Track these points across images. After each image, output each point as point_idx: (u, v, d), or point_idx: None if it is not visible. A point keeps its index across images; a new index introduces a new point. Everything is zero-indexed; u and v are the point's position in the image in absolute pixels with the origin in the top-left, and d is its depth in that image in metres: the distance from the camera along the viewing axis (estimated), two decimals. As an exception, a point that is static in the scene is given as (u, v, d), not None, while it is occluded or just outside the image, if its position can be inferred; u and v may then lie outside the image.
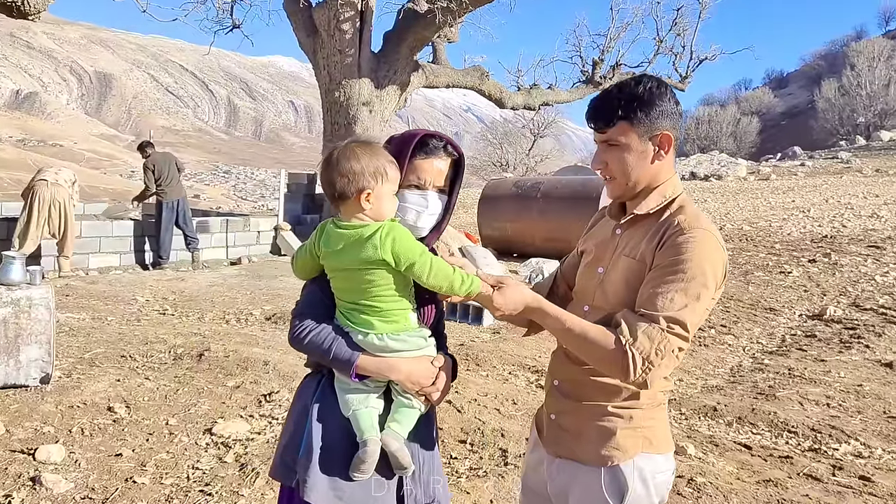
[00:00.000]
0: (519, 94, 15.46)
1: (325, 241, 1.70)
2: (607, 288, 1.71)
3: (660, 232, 1.65)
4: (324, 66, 12.92)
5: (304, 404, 1.77)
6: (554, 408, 1.80)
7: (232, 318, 6.92)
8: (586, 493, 1.69)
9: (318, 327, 1.68)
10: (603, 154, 1.73)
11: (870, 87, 55.35)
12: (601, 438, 1.68)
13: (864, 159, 39.25)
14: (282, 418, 4.27)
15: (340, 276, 1.70)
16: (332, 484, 1.65)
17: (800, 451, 4.16)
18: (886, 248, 12.97)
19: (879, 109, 53.94)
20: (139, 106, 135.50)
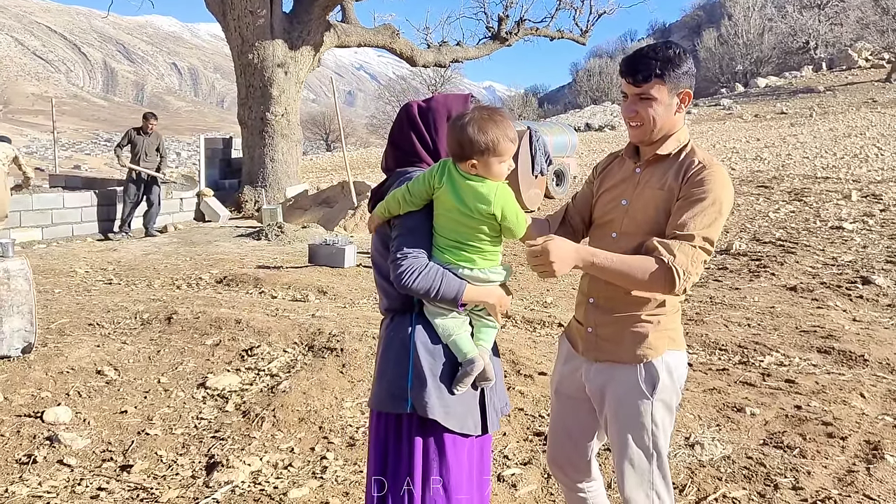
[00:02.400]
0: (429, 51, 15.65)
1: (448, 182, 1.94)
2: (635, 216, 2.09)
3: (682, 169, 2.04)
4: (235, 28, 12.69)
5: (401, 340, 1.98)
6: (592, 321, 2.16)
7: (182, 284, 6.98)
8: (624, 386, 2.07)
9: (425, 267, 1.89)
10: (635, 105, 2.08)
11: (746, 35, 58.29)
12: (636, 341, 2.06)
13: (744, 105, 41.63)
14: (266, 370, 4.52)
15: (451, 217, 1.95)
16: (441, 401, 1.94)
17: (731, 364, 4.80)
18: (773, 187, 14.17)
19: (755, 57, 57.00)
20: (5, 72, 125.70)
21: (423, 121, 2.05)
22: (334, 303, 6.25)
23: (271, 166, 12.90)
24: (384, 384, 1.99)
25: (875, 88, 39.87)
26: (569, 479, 2.33)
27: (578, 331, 2.21)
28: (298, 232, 9.61)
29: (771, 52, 56.94)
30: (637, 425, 2.05)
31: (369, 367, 4.47)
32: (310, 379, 4.27)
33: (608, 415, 2.12)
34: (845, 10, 51.63)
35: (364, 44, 14.29)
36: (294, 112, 13.15)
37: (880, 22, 43.74)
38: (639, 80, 2.04)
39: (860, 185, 13.75)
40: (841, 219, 10.22)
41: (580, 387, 2.20)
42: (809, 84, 44.28)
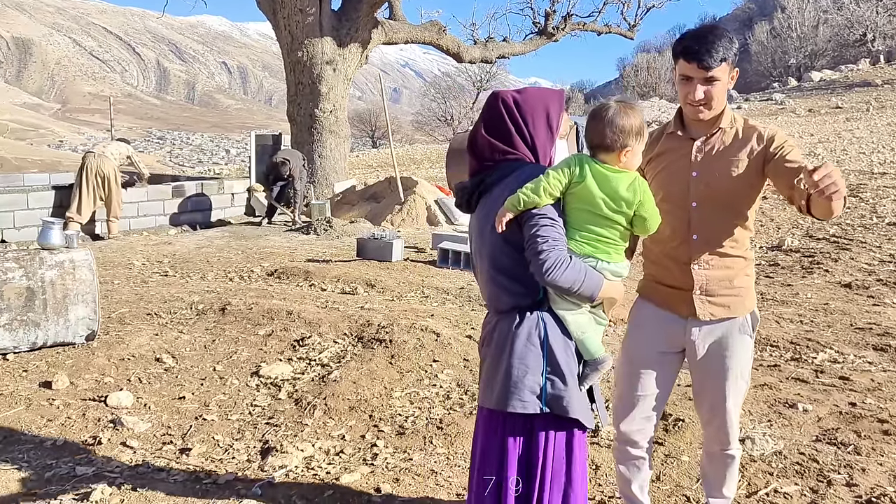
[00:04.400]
0: (476, 47, 15.68)
1: (592, 175, 1.96)
2: (713, 185, 2.29)
3: (753, 136, 2.28)
4: (284, 26, 12.90)
5: (530, 338, 1.93)
6: (699, 286, 2.35)
7: (235, 276, 7.16)
8: (736, 336, 2.38)
9: (571, 260, 1.88)
10: (704, 87, 2.21)
11: (800, 28, 56.78)
12: (745, 296, 2.38)
13: (797, 100, 40.56)
14: (317, 360, 4.62)
15: (591, 211, 1.96)
16: (579, 401, 1.97)
17: (783, 361, 4.73)
18: (827, 183, 13.81)
19: (809, 51, 55.50)
20: (62, 72, 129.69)
21: (520, 113, 2.02)
22: (382, 296, 6.34)
23: (320, 162, 13.09)
24: (510, 383, 1.93)
25: (936, 82, 38.46)
26: (637, 447, 2.52)
27: (676, 296, 2.40)
28: (346, 227, 9.75)
29: (826, 45, 55.33)
30: (745, 363, 2.41)
31: (417, 358, 4.54)
32: (360, 369, 4.36)
33: (714, 364, 2.39)
34: (905, 1, 49.85)
35: (411, 40, 14.38)
36: (342, 109, 13.31)
37: (943, 12, 42.08)
38: (711, 66, 2.15)
39: (920, 180, 13.32)
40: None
41: (671, 347, 2.45)
42: (866, 78, 42.91)
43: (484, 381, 2.05)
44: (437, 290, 6.49)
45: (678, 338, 2.43)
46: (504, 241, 1.95)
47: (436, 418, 3.78)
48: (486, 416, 2.04)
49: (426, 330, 4.89)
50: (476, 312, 5.71)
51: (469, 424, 3.64)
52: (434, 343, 4.72)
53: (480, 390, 2.09)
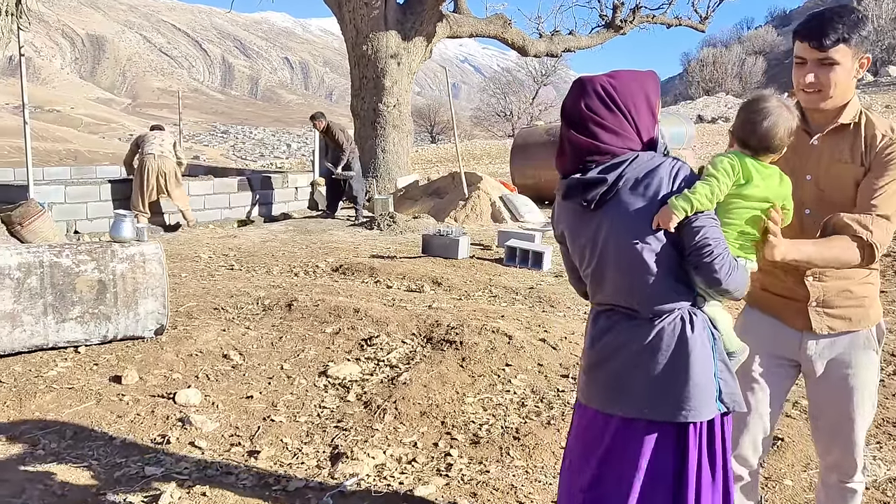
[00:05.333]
0: (541, 41, 15.37)
1: (758, 174, 1.83)
2: (828, 192, 2.04)
3: (867, 140, 2.00)
4: (350, 20, 12.86)
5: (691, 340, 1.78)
6: (816, 296, 2.13)
7: (300, 271, 7.10)
8: (859, 350, 2.17)
9: (736, 263, 1.79)
10: (815, 69, 1.97)
11: (877, 21, 54.40)
12: (867, 306, 2.16)
13: (874, 96, 38.90)
14: (386, 361, 4.48)
15: (752, 210, 1.84)
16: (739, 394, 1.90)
17: (886, 375, 4.38)
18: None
19: (887, 44, 53.24)
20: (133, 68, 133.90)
21: (622, 99, 1.83)
22: (449, 294, 6.17)
23: (382, 157, 13.03)
24: (691, 391, 1.77)
25: None
26: (749, 466, 2.31)
27: (789, 307, 2.19)
28: (410, 222, 9.63)
29: (905, 38, 52.83)
30: (871, 383, 2.19)
31: (489, 361, 4.36)
32: (430, 372, 4.20)
33: (835, 384, 2.18)
34: None
35: (476, 34, 14.19)
36: (406, 103, 13.22)
37: None
38: (825, 44, 1.92)
39: None
40: None
41: (785, 360, 2.24)
42: (948, 72, 40.81)
43: (614, 387, 1.85)
44: (505, 290, 6.29)
45: (792, 350, 2.22)
46: (657, 239, 1.78)
47: (511, 427, 3.59)
48: (619, 426, 1.85)
49: (497, 332, 4.71)
50: (547, 314, 5.50)
51: (548, 435, 3.45)
52: (506, 346, 4.53)
53: (606, 397, 1.87)
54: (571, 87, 1.89)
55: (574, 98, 1.85)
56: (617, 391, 1.85)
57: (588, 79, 1.86)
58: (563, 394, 4.00)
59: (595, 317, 1.94)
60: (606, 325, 1.89)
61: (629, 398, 1.83)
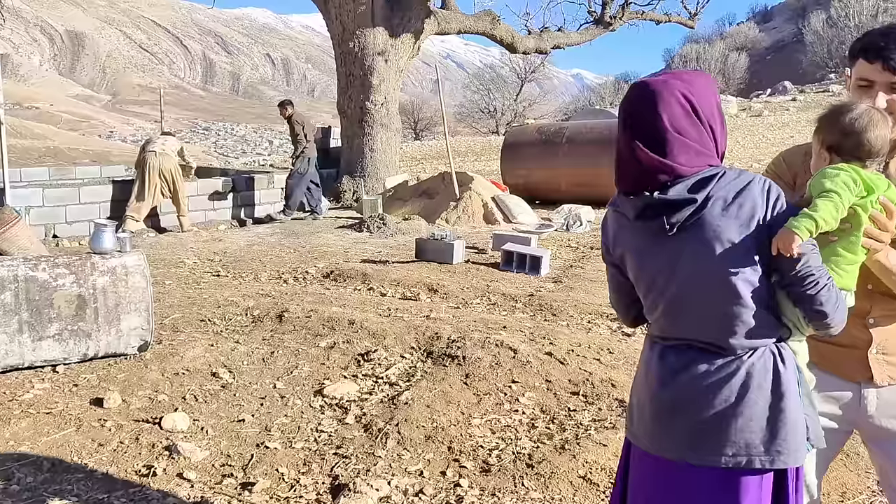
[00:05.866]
0: (530, 37, 15.15)
1: (876, 184, 1.62)
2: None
3: None
4: (336, 16, 12.58)
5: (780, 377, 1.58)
6: (877, 342, 1.88)
7: (289, 278, 6.84)
8: None
9: (839, 292, 1.59)
10: (889, 95, 1.74)
11: (858, 17, 54.79)
12: None
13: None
14: (385, 378, 4.24)
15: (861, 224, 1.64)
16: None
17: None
18: None
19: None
20: (113, 65, 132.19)
21: (701, 106, 1.60)
22: (446, 302, 5.94)
23: (370, 156, 12.75)
24: (784, 433, 1.57)
25: None
26: None
27: (846, 355, 1.91)
28: (401, 224, 9.39)
29: (886, 34, 53.25)
30: None
31: (494, 378, 4.13)
32: (432, 390, 3.97)
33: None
34: (973, -12, 47.70)
35: (464, 31, 13.93)
36: (394, 101, 12.95)
37: None
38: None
39: None
40: None
41: (840, 423, 1.96)
42: (930, 68, 41.09)
43: (704, 436, 1.60)
44: (504, 297, 6.07)
45: (850, 411, 1.94)
46: (759, 270, 1.57)
47: (523, 453, 3.37)
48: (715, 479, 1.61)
49: (501, 345, 4.49)
50: (551, 324, 5.28)
51: (563, 462, 3.23)
52: (511, 361, 4.31)
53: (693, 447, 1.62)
54: (638, 93, 1.63)
55: (649, 107, 1.59)
56: (709, 440, 1.60)
57: (662, 84, 1.60)
58: (574, 414, 3.79)
59: (662, 353, 1.67)
60: (681, 364, 1.63)
61: (726, 447, 1.58)
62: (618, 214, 1.70)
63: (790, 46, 70.15)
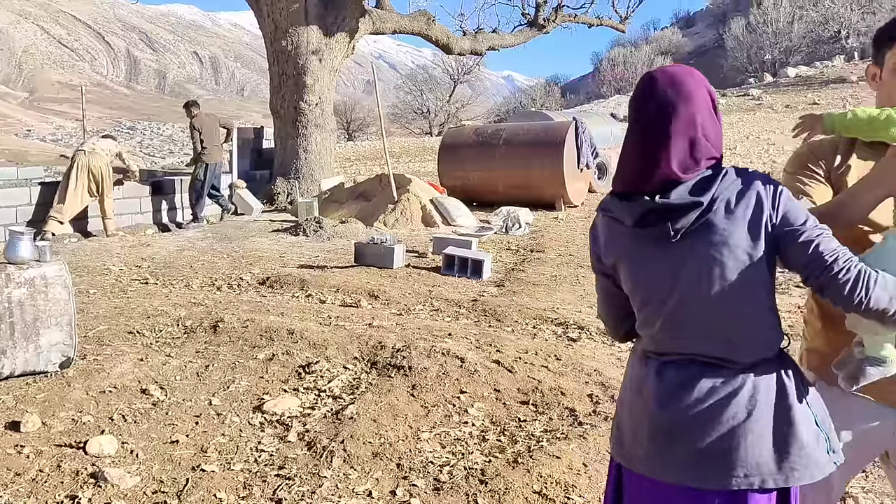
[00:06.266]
0: (465, 38, 15.11)
1: None
2: None
3: None
4: (268, 14, 12.24)
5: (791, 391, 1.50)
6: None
7: (223, 285, 6.55)
8: None
9: (876, 274, 1.43)
10: None
11: (775, 24, 57.00)
12: None
13: (774, 96, 40.64)
14: (328, 391, 4.07)
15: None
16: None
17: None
18: (824, 182, 13.54)
19: (785, 46, 55.76)
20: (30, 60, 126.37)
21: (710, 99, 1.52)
22: (389, 309, 5.79)
23: (305, 157, 12.46)
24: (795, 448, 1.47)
25: (910, 79, 38.84)
26: None
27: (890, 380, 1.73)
28: (338, 227, 9.17)
29: (801, 41, 55.70)
30: None
31: (442, 388, 4.01)
32: (378, 403, 3.82)
33: None
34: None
35: (399, 31, 13.78)
36: (328, 101, 12.70)
37: (917, 10, 42.40)
38: None
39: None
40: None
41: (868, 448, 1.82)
42: (841, 74, 43.09)
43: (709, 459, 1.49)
44: (447, 302, 5.95)
45: (884, 434, 1.79)
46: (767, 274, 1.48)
47: (475, 468, 3.25)
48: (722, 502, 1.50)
49: (448, 354, 4.37)
50: (496, 331, 5.19)
51: (517, 477, 3.12)
52: (459, 370, 4.20)
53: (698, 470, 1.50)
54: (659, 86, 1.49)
55: (676, 103, 1.47)
56: (716, 462, 1.48)
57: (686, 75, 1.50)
58: (525, 424, 3.70)
59: (659, 370, 1.55)
60: (681, 380, 1.52)
61: (736, 468, 1.47)
62: (610, 220, 1.58)
63: (712, 51, 72.48)
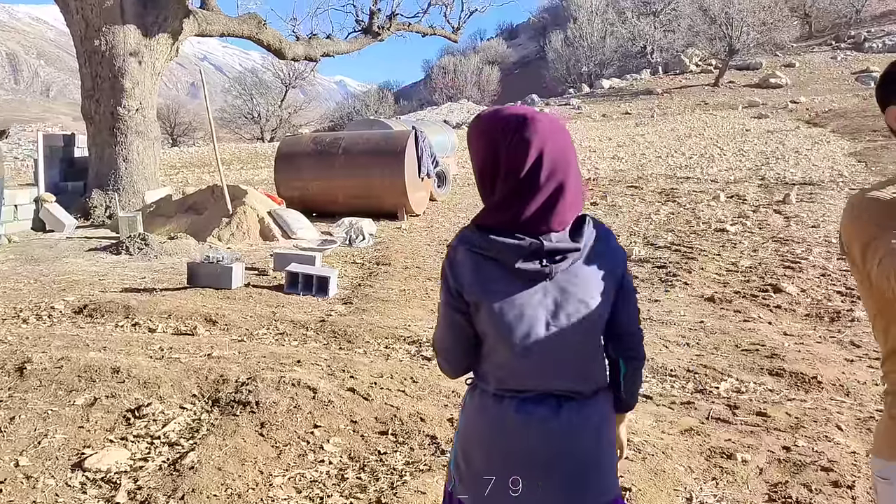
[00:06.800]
0: (299, 44, 14.63)
1: None
2: None
3: None
4: (77, 10, 11.13)
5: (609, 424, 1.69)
6: None
7: (30, 316, 5.76)
8: None
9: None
10: None
11: (590, 39, 60.88)
12: None
13: (592, 105, 43.39)
14: (163, 437, 3.62)
15: None
16: None
17: (689, 392, 4.45)
18: (642, 187, 14.51)
19: (599, 60, 59.71)
20: None
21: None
22: (229, 335, 5.34)
23: (125, 167, 11.44)
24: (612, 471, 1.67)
25: (705, 92, 42.97)
26: None
27: None
28: (166, 244, 8.44)
29: (613, 55, 59.96)
30: None
31: (294, 424, 3.71)
32: (223, 447, 3.44)
33: None
34: (677, 18, 55.08)
35: (228, 33, 13.07)
36: (150, 106, 11.75)
37: (708, 30, 46.97)
38: None
39: (719, 184, 14.35)
40: (720, 220, 10.46)
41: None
42: (648, 87, 46.89)
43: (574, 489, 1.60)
44: (293, 325, 5.60)
45: None
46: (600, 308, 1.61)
47: (337, 514, 2.99)
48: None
49: (299, 384, 4.05)
50: (348, 353, 4.93)
51: (384, 521, 2.90)
52: (311, 402, 3.90)
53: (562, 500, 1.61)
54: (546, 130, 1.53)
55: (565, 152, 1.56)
56: (583, 490, 1.61)
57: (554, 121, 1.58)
58: (386, 457, 3.48)
59: (518, 406, 1.60)
60: (545, 414, 1.59)
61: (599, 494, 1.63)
62: (479, 257, 1.56)
63: (535, 62, 76.21)
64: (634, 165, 18.04)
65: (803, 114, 29.44)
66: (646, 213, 11.56)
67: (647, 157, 19.61)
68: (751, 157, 18.25)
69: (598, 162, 18.94)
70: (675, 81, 48.14)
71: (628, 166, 17.95)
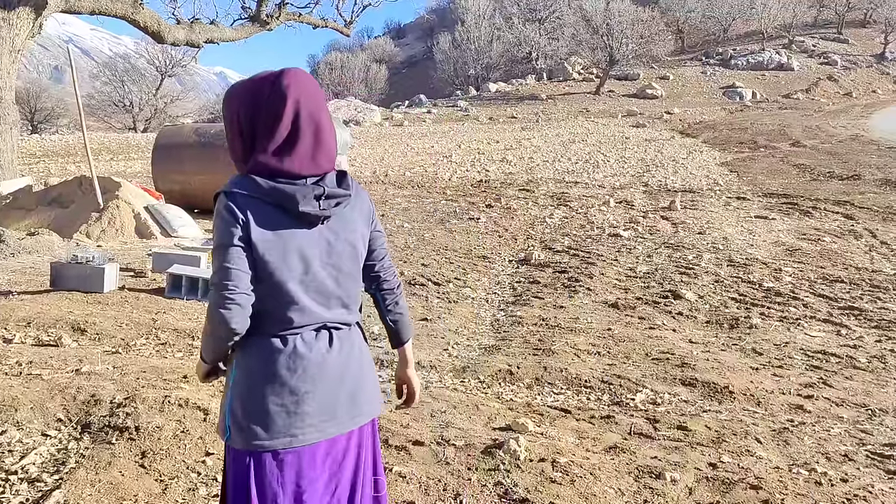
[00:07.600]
0: (180, 28, 13.68)
1: None
2: None
3: None
4: (-80, -27, 9.83)
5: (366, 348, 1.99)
6: None
7: None
8: None
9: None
10: None
11: (477, 42, 61.68)
12: None
13: (479, 108, 43.94)
14: (21, 474, 3.06)
15: None
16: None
17: (606, 405, 4.31)
18: (533, 190, 14.62)
19: (486, 63, 60.57)
20: None
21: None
22: (101, 346, 4.72)
23: (-24, 153, 10.24)
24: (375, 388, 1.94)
25: (587, 99, 44.58)
26: None
27: None
28: (25, 241, 7.53)
29: (499, 59, 61.03)
30: None
31: (181, 452, 3.24)
32: (95, 483, 2.94)
33: None
34: (562, 27, 56.74)
35: (99, 11, 11.99)
36: (8, 88, 10.57)
37: (591, 40, 48.68)
38: None
39: (606, 189, 14.69)
40: (613, 225, 10.61)
41: None
42: (534, 92, 48.06)
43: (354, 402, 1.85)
44: (177, 334, 5.04)
45: None
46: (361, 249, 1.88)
47: (239, 563, 2.57)
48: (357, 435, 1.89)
49: (186, 405, 3.57)
50: (241, 367, 4.45)
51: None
52: (202, 425, 3.44)
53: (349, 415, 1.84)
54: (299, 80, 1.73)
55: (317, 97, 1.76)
56: (358, 403, 1.85)
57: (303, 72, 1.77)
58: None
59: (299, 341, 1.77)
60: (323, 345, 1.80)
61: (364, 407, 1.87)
62: (253, 200, 1.68)
63: (422, 63, 76.35)
64: (523, 169, 18.22)
65: (677, 124, 30.98)
66: (540, 216, 11.58)
67: (535, 161, 19.88)
68: (633, 164, 18.88)
69: (488, 164, 19.00)
70: (559, 88, 49.62)
71: (518, 169, 18.10)
